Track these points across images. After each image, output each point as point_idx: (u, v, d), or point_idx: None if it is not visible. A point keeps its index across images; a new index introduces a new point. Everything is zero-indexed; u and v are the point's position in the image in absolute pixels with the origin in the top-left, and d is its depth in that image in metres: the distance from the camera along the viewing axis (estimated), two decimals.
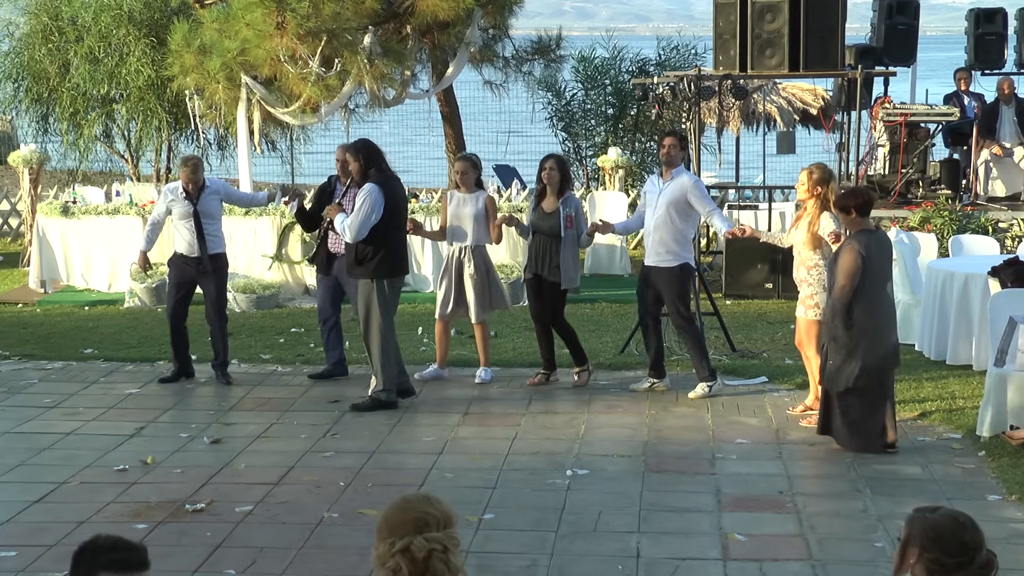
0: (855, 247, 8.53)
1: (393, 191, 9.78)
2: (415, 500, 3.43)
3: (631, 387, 10.41)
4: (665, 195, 10.10)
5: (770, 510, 7.63)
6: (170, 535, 7.20)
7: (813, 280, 9.38)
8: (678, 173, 10.15)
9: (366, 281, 9.78)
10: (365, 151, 9.83)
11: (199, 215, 10.55)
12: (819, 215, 9.31)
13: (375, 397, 9.88)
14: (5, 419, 9.75)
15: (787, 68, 13.87)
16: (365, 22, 14.55)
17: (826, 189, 9.31)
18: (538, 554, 6.90)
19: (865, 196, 8.89)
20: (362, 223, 9.59)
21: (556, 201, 10.43)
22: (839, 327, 8.57)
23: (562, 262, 10.36)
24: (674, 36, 22.43)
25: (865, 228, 8.72)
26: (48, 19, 18.94)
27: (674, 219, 10.05)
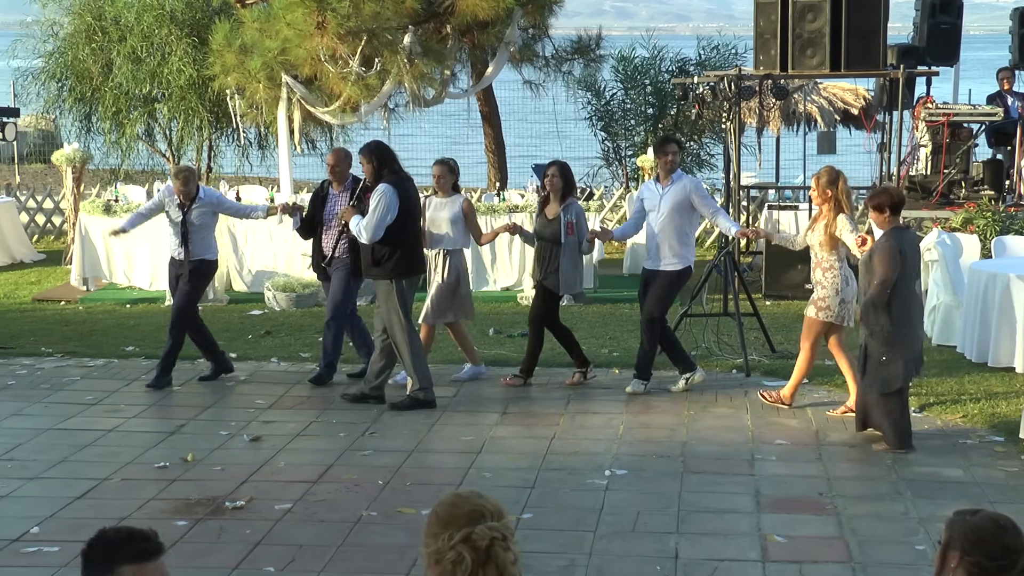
0: (893, 244, 8.59)
1: (407, 191, 9.80)
2: (466, 494, 3.42)
3: (670, 388, 10.38)
4: (668, 199, 10.19)
5: (810, 512, 7.59)
6: (210, 532, 7.24)
7: (827, 283, 9.50)
8: (678, 177, 10.31)
9: (385, 282, 9.79)
10: (378, 152, 9.85)
11: (187, 223, 10.60)
12: (835, 217, 9.43)
13: (413, 396, 9.90)
14: (48, 415, 9.84)
15: (828, 68, 13.78)
16: (405, 22, 14.58)
17: (836, 191, 9.47)
18: (576, 554, 6.89)
19: (898, 195, 8.98)
20: (378, 224, 9.60)
21: (558, 207, 10.46)
22: (879, 324, 8.60)
23: (561, 268, 10.38)
24: (714, 36, 22.35)
25: (899, 226, 8.80)
26: (92, 19, 19.09)
27: (678, 222, 10.19)
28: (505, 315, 13.63)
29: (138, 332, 12.73)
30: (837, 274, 9.47)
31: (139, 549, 3.30)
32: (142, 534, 3.33)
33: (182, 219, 10.60)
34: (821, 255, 9.53)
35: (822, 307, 9.53)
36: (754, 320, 11.63)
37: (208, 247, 10.78)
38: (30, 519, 7.44)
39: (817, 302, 9.57)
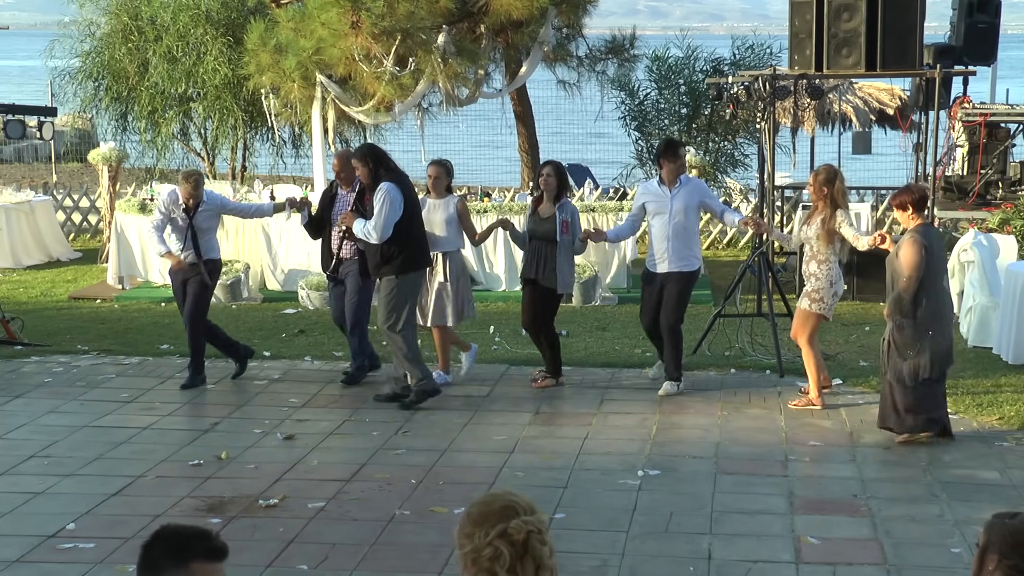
0: (919, 240, 8.71)
1: (407, 187, 9.83)
2: (498, 493, 3.42)
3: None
4: (679, 200, 10.23)
5: (844, 514, 7.55)
6: (244, 530, 7.26)
7: (822, 275, 9.77)
8: (685, 179, 10.35)
9: (390, 278, 9.79)
10: (372, 154, 9.87)
11: (194, 228, 10.59)
12: (833, 212, 9.71)
13: (419, 389, 9.90)
14: (84, 413, 9.90)
15: (864, 68, 13.72)
16: (439, 21, 14.60)
17: (832, 189, 9.72)
18: (609, 554, 6.88)
19: (920, 192, 9.08)
20: (386, 223, 9.61)
21: (552, 207, 10.47)
22: (906, 318, 8.70)
23: (558, 267, 10.40)
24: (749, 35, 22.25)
25: (924, 223, 8.94)
26: (128, 19, 19.20)
27: (690, 224, 10.29)
28: None
29: (172, 330, 12.79)
30: (831, 267, 9.77)
31: (211, 547, 3.28)
32: (211, 533, 3.31)
33: (188, 223, 10.59)
34: (817, 248, 9.78)
35: (816, 299, 9.79)
36: (788, 320, 11.57)
37: (213, 247, 10.77)
38: (66, 515, 7.49)
39: (811, 294, 9.81)
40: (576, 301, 14.09)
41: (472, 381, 10.74)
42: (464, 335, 12.25)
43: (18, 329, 12.39)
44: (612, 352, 11.80)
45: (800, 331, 9.93)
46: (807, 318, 9.87)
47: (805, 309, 9.88)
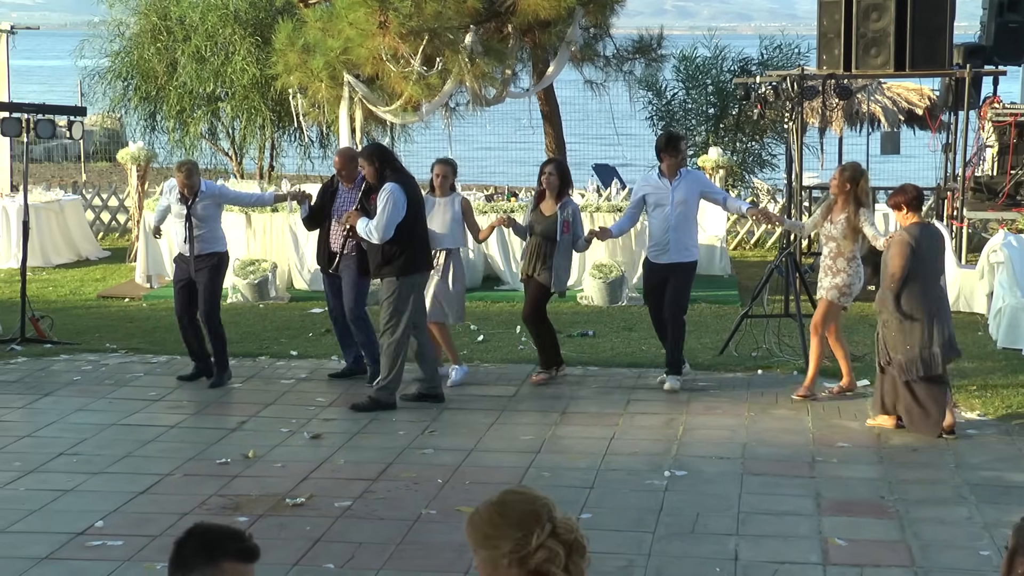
0: (905, 238, 8.96)
1: (412, 188, 9.82)
2: (524, 491, 3.41)
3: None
4: (680, 192, 10.33)
5: (871, 515, 7.52)
6: (270, 528, 7.28)
7: (852, 271, 9.93)
8: (685, 171, 10.49)
9: (391, 280, 9.78)
10: (379, 154, 9.88)
11: (191, 218, 10.61)
12: (856, 210, 9.82)
13: (375, 397, 9.85)
14: (112, 411, 9.95)
15: (893, 68, 13.65)
16: (467, 21, 14.61)
17: (855, 187, 9.83)
18: (635, 555, 6.87)
19: (913, 192, 9.25)
20: (388, 223, 9.60)
21: (554, 205, 10.50)
22: (892, 315, 8.95)
23: (555, 265, 10.43)
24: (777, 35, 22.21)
25: (918, 221, 9.15)
26: (157, 19, 19.30)
27: (690, 215, 10.43)
28: (565, 315, 13.61)
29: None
30: (858, 263, 10.00)
31: (243, 548, 3.28)
32: (243, 534, 3.32)
33: (186, 213, 10.60)
34: (844, 246, 9.90)
35: (845, 292, 9.96)
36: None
37: (216, 239, 10.76)
38: (94, 513, 7.53)
39: (841, 287, 9.94)
40: (603, 301, 14.08)
41: (499, 381, 10.74)
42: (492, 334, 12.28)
43: (47, 327, 12.46)
44: (639, 352, 11.78)
45: (821, 323, 10.04)
46: (830, 308, 10.00)
47: (832, 300, 9.98)
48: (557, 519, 3.32)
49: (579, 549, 3.32)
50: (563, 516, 3.35)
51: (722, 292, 14.70)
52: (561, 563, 3.28)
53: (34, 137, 12.71)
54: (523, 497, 3.38)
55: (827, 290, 10.01)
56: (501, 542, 3.31)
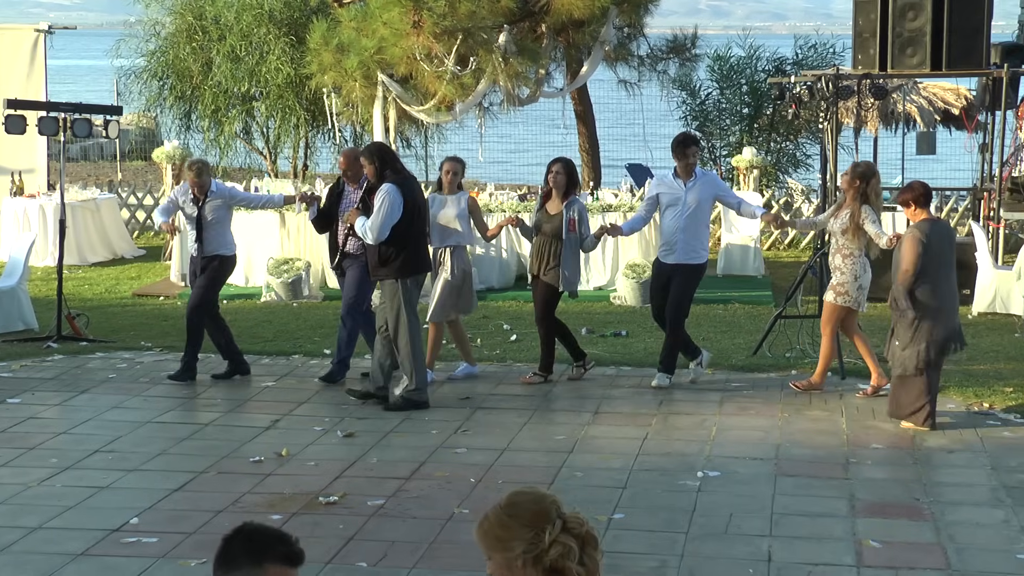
0: (916, 234, 9.10)
1: (411, 190, 9.81)
2: (530, 490, 3.43)
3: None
4: (693, 193, 10.37)
5: (906, 517, 7.47)
6: (304, 526, 7.30)
7: (847, 269, 9.99)
8: (701, 174, 10.52)
9: (391, 282, 9.77)
10: (379, 153, 9.88)
11: (201, 219, 10.64)
12: (860, 207, 9.89)
13: (406, 396, 9.87)
14: (147, 409, 10.01)
15: (929, 67, 13.57)
16: (500, 21, 14.62)
17: (865, 185, 9.92)
18: (668, 555, 6.86)
19: (921, 188, 9.39)
20: (383, 224, 9.60)
21: (560, 204, 10.50)
22: (901, 310, 9.10)
23: (562, 264, 10.43)
24: (812, 35, 22.13)
25: (928, 218, 9.29)
26: (192, 19, 19.38)
27: (701, 217, 10.44)
28: (598, 315, 13.61)
29: (234, 328, 12.83)
30: (856, 261, 9.99)
31: (289, 552, 3.28)
32: (290, 537, 3.32)
33: (197, 214, 10.64)
34: (843, 242, 9.99)
35: (840, 292, 10.00)
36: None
37: (224, 243, 10.79)
38: (130, 510, 7.57)
39: (836, 287, 10.02)
40: (636, 301, 14.06)
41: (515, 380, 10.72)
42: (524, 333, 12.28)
43: (83, 325, 12.55)
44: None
45: (826, 322, 10.18)
46: (832, 310, 10.08)
47: (830, 302, 10.09)
48: (566, 515, 3.34)
49: (591, 542, 3.34)
50: (571, 511, 3.37)
51: (756, 293, 14.65)
52: (576, 557, 3.30)
53: (71, 136, 12.80)
54: (530, 496, 3.39)
55: (827, 290, 10.17)
56: (514, 543, 3.31)
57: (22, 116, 12.79)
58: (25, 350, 11.99)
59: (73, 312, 12.60)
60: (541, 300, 10.60)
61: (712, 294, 14.58)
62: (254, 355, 11.69)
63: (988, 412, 9.69)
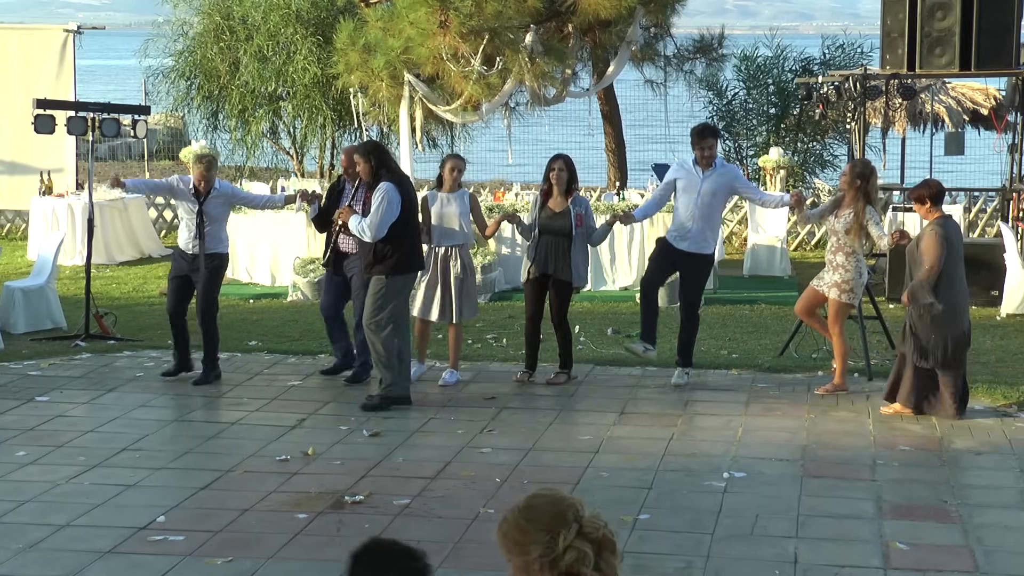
0: (939, 231, 9.25)
1: (407, 188, 9.84)
2: (549, 492, 3.36)
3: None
4: (710, 183, 10.38)
5: (933, 519, 7.43)
6: (330, 525, 7.32)
7: (851, 266, 10.11)
8: (720, 164, 10.52)
9: (379, 278, 9.77)
10: (375, 152, 9.89)
11: (202, 214, 10.60)
12: (864, 207, 9.99)
13: (384, 394, 9.86)
14: (174, 407, 10.05)
15: (958, 67, 13.50)
16: (527, 20, 14.62)
17: (866, 184, 10.02)
18: (693, 556, 6.84)
19: (937, 186, 9.58)
20: (381, 222, 9.61)
21: (565, 201, 10.49)
22: (927, 305, 9.24)
23: (572, 260, 10.43)
24: (839, 35, 22.04)
25: (943, 215, 9.46)
26: (220, 19, 19.46)
27: (715, 208, 10.50)
28: (623, 315, 13.59)
29: (261, 327, 12.94)
30: (859, 258, 10.18)
31: (409, 567, 3.27)
32: (416, 553, 3.31)
33: (198, 209, 10.60)
34: (845, 241, 10.08)
35: (845, 289, 10.12)
36: (876, 323, 11.44)
37: (220, 240, 10.77)
38: (156, 508, 7.61)
39: (841, 284, 10.12)
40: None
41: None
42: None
43: (111, 324, 12.61)
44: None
45: (833, 322, 10.20)
46: (839, 308, 10.15)
47: (835, 299, 10.15)
48: (584, 518, 3.27)
49: (608, 546, 3.28)
50: (591, 513, 3.30)
51: (782, 293, 14.60)
52: (591, 562, 3.24)
53: (99, 136, 12.86)
54: (549, 499, 3.33)
55: (828, 287, 10.20)
56: (531, 547, 3.27)
57: (51, 116, 12.87)
58: (53, 348, 12.06)
59: (101, 311, 12.66)
60: (557, 300, 10.55)
61: (738, 295, 14.55)
62: (280, 354, 11.73)
63: (1017, 414, 9.63)
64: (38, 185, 17.77)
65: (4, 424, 9.51)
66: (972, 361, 11.26)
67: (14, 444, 8.97)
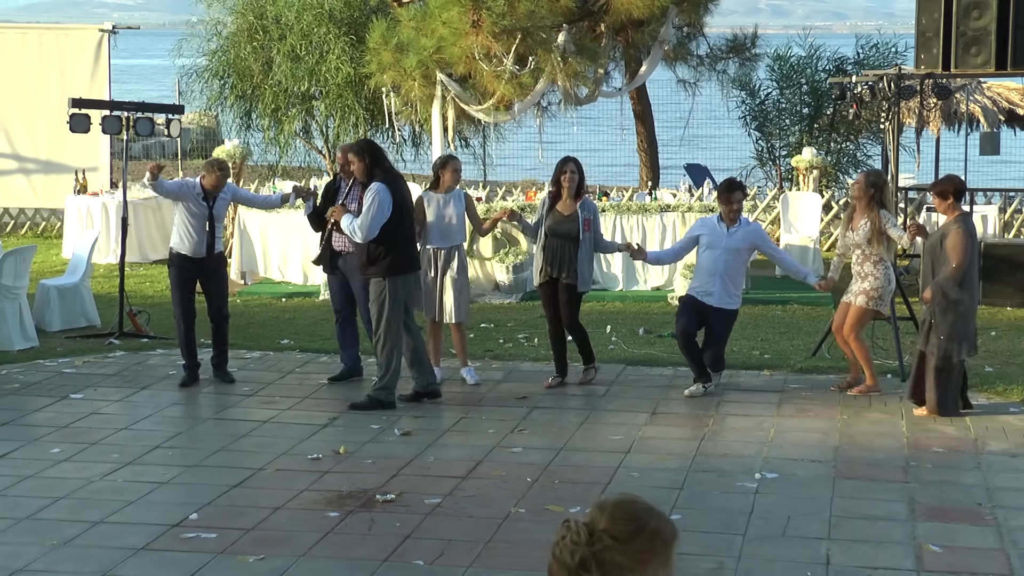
0: (965, 228, 9.32)
1: (400, 189, 9.81)
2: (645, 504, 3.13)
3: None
4: (735, 240, 10.33)
5: (967, 522, 7.39)
6: (361, 524, 7.34)
7: (880, 274, 10.12)
8: (745, 223, 10.48)
9: (378, 280, 9.76)
10: (369, 151, 9.84)
11: (213, 218, 10.59)
12: (878, 213, 10.04)
13: (373, 396, 9.86)
14: (207, 406, 10.10)
15: (994, 67, 13.37)
16: (560, 20, 14.62)
17: (879, 193, 10.11)
18: (725, 557, 6.82)
19: (960, 182, 9.71)
20: (372, 222, 9.59)
21: (574, 204, 10.44)
22: (952, 301, 9.29)
23: (579, 265, 10.39)
24: (873, 34, 21.92)
25: (964, 212, 9.58)
26: (253, 18, 19.53)
27: (739, 265, 10.49)
28: (655, 315, 13.56)
29: (293, 326, 12.99)
30: (887, 265, 10.17)
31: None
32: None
33: (208, 212, 10.56)
34: (869, 250, 10.09)
35: (874, 296, 10.11)
36: (910, 324, 11.38)
37: (220, 240, 10.82)
38: (189, 505, 7.64)
39: (869, 292, 10.11)
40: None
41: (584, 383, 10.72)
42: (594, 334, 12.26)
43: (144, 322, 12.68)
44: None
45: (854, 327, 10.17)
46: (862, 315, 10.14)
47: (862, 306, 10.12)
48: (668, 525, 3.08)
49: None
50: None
51: (815, 294, 14.49)
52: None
53: (133, 135, 12.94)
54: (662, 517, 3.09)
55: (855, 295, 10.17)
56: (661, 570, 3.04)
57: (86, 115, 12.96)
58: (88, 346, 12.13)
59: (135, 309, 12.73)
60: (567, 305, 10.46)
61: (771, 295, 14.50)
62: (312, 353, 11.77)
63: None
64: (73, 184, 17.89)
65: (39, 421, 9.58)
66: (1007, 362, 11.22)
67: (49, 441, 9.03)
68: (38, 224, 19.89)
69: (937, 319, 9.38)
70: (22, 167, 19.26)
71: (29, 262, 12.44)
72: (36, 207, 19.70)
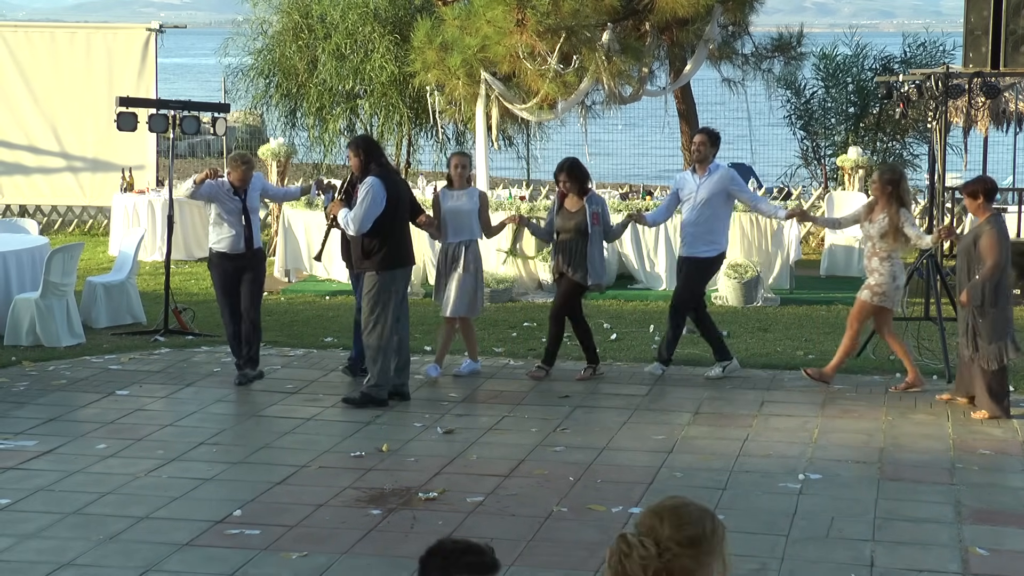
0: (1000, 229, 9.35)
1: (395, 184, 9.86)
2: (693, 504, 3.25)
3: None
4: (704, 189, 10.58)
5: (1015, 525, 7.32)
6: (403, 522, 7.35)
7: (885, 271, 10.15)
8: (715, 168, 10.65)
9: (371, 274, 9.82)
10: (365, 146, 9.95)
11: (248, 211, 10.61)
12: (897, 210, 10.05)
13: (365, 392, 9.88)
14: (251, 403, 10.15)
15: None
16: (604, 19, 14.59)
17: (897, 188, 10.11)
18: (768, 558, 6.79)
19: (991, 182, 9.74)
20: (364, 216, 9.64)
21: (580, 200, 10.58)
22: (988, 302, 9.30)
23: (589, 258, 10.49)
24: (920, 32, 21.73)
25: (996, 212, 9.55)
26: (299, 17, 19.60)
27: (713, 212, 10.61)
28: None
29: (336, 324, 13.03)
30: (894, 263, 10.19)
31: (476, 562, 3.29)
32: (480, 548, 3.32)
33: (242, 206, 10.58)
34: (880, 245, 10.13)
35: (878, 292, 10.17)
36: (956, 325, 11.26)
37: (258, 234, 10.78)
38: (233, 502, 7.69)
39: (873, 287, 10.18)
40: (737, 302, 13.95)
41: (631, 380, 10.70)
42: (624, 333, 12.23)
43: (189, 319, 12.77)
44: (774, 353, 11.65)
45: (855, 318, 10.30)
46: (864, 308, 10.24)
47: (865, 300, 10.22)
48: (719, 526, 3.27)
49: None
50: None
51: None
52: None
53: (179, 133, 13.02)
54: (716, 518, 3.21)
55: (862, 289, 10.33)
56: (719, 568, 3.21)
57: (133, 114, 13.06)
58: (133, 343, 12.23)
59: (180, 306, 12.82)
60: (561, 296, 10.70)
61: (815, 295, 14.43)
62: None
63: None
64: (120, 182, 18.03)
65: (85, 417, 9.67)
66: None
67: (95, 437, 9.11)
68: (85, 222, 20.06)
69: (978, 321, 9.37)
70: (70, 165, 19.42)
71: (76, 259, 12.55)
72: (83, 205, 19.88)
